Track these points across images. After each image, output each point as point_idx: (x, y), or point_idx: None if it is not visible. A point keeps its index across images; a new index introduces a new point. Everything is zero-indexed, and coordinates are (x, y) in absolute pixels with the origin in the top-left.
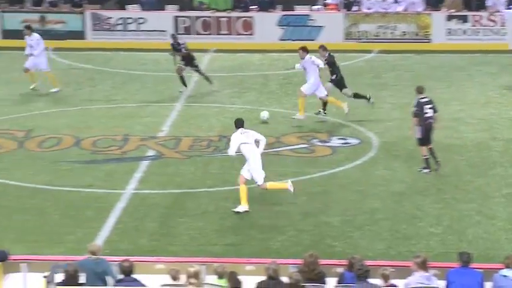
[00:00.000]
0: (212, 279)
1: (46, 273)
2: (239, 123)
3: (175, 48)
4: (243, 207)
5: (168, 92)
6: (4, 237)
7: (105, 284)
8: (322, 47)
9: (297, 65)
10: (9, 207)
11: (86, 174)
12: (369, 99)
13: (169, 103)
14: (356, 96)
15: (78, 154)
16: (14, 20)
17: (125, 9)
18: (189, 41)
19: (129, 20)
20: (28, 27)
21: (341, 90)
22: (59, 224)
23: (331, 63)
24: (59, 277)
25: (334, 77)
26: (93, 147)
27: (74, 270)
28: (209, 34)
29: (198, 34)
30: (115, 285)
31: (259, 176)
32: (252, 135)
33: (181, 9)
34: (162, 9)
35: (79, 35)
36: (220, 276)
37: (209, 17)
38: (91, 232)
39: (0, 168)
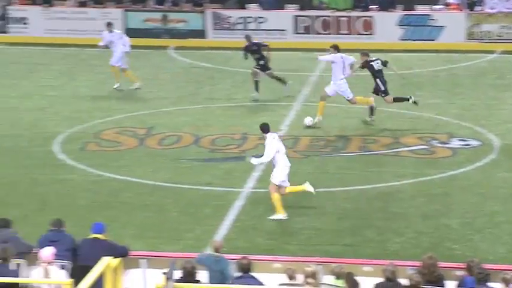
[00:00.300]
0: (329, 279)
1: (165, 270)
2: (267, 128)
3: (254, 50)
4: (278, 215)
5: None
6: (125, 233)
7: (222, 283)
8: (363, 53)
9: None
10: (130, 203)
11: (205, 172)
12: (371, 113)
13: (288, 102)
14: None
15: (197, 152)
16: (136, 18)
17: (245, 9)
18: (309, 41)
19: (249, 19)
20: (109, 24)
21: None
22: (178, 221)
23: (370, 71)
24: (178, 274)
25: (375, 85)
26: (212, 146)
27: (192, 267)
28: (329, 34)
29: (317, 34)
30: (233, 283)
31: (279, 178)
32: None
33: (301, 9)
34: (282, 8)
35: (200, 34)
36: (338, 277)
37: (329, 16)
38: (209, 230)
39: (121, 165)
